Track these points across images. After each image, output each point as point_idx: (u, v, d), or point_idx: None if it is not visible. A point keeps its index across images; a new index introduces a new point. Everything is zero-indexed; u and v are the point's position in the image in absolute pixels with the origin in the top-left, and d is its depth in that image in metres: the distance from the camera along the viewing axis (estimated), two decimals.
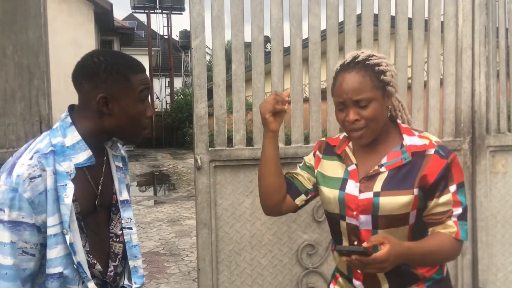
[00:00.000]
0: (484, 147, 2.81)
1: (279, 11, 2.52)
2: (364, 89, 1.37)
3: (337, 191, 1.48)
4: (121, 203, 1.43)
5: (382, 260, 1.22)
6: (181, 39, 31.49)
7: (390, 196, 1.39)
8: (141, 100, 1.35)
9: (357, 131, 1.40)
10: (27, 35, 2.41)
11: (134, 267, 1.44)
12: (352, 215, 1.44)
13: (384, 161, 1.43)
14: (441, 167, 1.37)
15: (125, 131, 1.37)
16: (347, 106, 1.40)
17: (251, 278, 2.56)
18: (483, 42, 2.78)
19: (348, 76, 1.40)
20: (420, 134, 1.46)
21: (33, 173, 1.22)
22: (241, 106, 2.51)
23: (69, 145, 1.29)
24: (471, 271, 2.81)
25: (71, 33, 13.03)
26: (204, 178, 2.45)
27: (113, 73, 1.30)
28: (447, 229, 1.38)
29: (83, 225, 1.32)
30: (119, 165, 1.47)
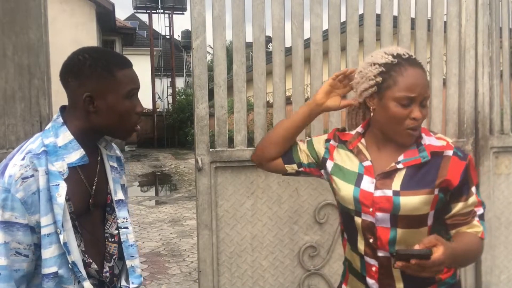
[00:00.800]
0: (487, 148, 2.78)
1: (281, 11, 2.50)
2: (428, 87, 1.38)
3: (352, 186, 1.45)
4: (116, 203, 1.42)
5: (440, 262, 1.19)
6: (183, 39, 31.46)
7: (410, 195, 1.37)
8: (128, 96, 1.32)
9: (416, 130, 1.37)
10: (28, 35, 2.40)
11: (132, 266, 1.43)
12: (368, 212, 1.41)
13: (401, 158, 1.41)
14: (461, 169, 1.37)
15: (114, 129, 1.35)
16: (414, 102, 1.32)
17: (252, 280, 2.54)
18: (487, 42, 2.76)
19: (419, 72, 1.33)
20: (437, 136, 1.44)
21: (25, 173, 1.21)
22: (242, 107, 2.49)
23: (61, 145, 1.29)
24: (474, 273, 2.79)
25: (73, 33, 13.04)
26: (205, 179, 2.43)
27: (98, 69, 1.28)
28: (473, 228, 1.37)
29: (77, 224, 1.31)
30: (113, 165, 1.45)
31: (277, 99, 2.54)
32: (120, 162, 1.51)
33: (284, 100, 2.57)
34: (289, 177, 2.52)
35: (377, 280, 1.45)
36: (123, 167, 1.53)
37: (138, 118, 1.38)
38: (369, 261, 1.46)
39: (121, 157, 1.53)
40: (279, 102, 2.55)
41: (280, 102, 2.55)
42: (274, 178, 2.52)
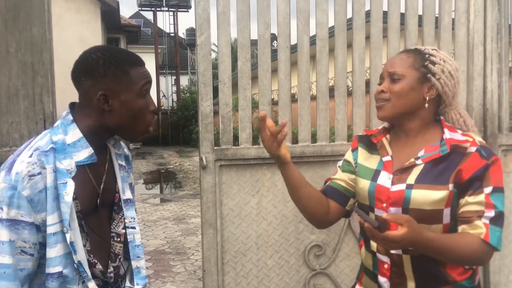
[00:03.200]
0: (496, 146, 2.74)
1: (286, 6, 2.47)
2: (400, 65, 1.42)
3: (369, 181, 1.46)
4: (124, 202, 1.41)
5: (393, 240, 1.20)
6: (187, 36, 31.47)
7: (423, 189, 1.35)
8: (142, 94, 1.32)
9: (379, 102, 1.44)
10: (31, 32, 2.38)
11: (137, 267, 1.41)
12: (382, 207, 1.41)
13: (421, 154, 1.40)
14: (479, 166, 1.33)
15: (128, 128, 1.34)
16: (383, 79, 1.45)
17: (257, 279, 2.52)
18: (495, 39, 2.71)
19: (396, 55, 1.49)
20: (463, 133, 1.42)
21: (33, 170, 1.19)
22: (247, 104, 2.47)
23: (70, 143, 1.27)
24: (482, 273, 2.75)
25: (78, 30, 13.06)
26: (210, 178, 2.41)
27: (112, 68, 1.27)
28: (475, 229, 1.32)
29: (83, 223, 1.29)
30: (122, 164, 1.44)
31: (282, 97, 2.51)
32: (128, 160, 1.50)
33: (290, 98, 2.54)
34: None
35: (389, 278, 1.44)
36: (131, 166, 1.52)
37: (152, 117, 1.37)
38: (381, 258, 1.44)
39: (129, 155, 1.52)
40: (285, 99, 2.52)
41: (286, 100, 2.52)
42: (279, 176, 2.48)
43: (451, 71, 1.41)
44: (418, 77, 1.39)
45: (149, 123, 1.36)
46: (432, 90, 1.40)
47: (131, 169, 1.52)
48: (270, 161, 2.48)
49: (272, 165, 2.50)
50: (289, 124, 2.52)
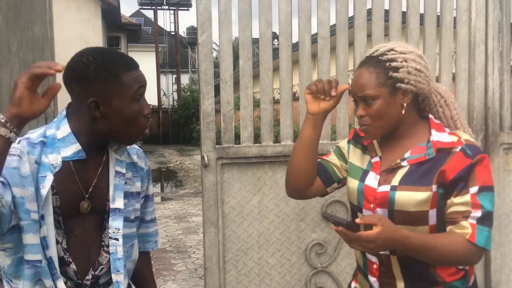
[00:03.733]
0: (497, 145, 2.74)
1: (288, 5, 2.47)
2: (367, 86, 1.36)
3: (357, 181, 1.47)
4: (112, 211, 1.34)
5: (368, 240, 1.20)
6: (188, 35, 31.44)
7: (406, 191, 1.34)
8: (135, 99, 1.28)
9: (362, 127, 1.42)
10: (32, 31, 2.39)
11: (117, 282, 1.35)
12: (369, 208, 1.41)
13: (407, 155, 1.39)
14: (463, 166, 1.30)
15: (121, 134, 1.30)
16: (357, 101, 1.42)
17: (259, 277, 2.52)
18: (497, 37, 2.71)
19: (358, 72, 1.41)
20: (451, 131, 1.40)
21: (13, 151, 1.20)
22: (249, 103, 2.47)
23: (60, 138, 1.27)
24: (484, 271, 2.75)
25: (79, 29, 13.06)
26: (211, 176, 2.41)
27: (103, 73, 1.23)
28: (461, 229, 1.29)
29: (61, 220, 1.28)
30: (120, 170, 1.38)
31: (284, 95, 2.51)
32: (134, 168, 1.44)
33: (291, 96, 2.54)
34: None
35: (378, 278, 1.44)
36: (138, 174, 1.45)
37: (146, 121, 1.33)
38: (370, 258, 1.45)
39: (137, 163, 1.46)
40: (286, 98, 2.52)
41: (287, 98, 2.52)
42: (281, 175, 2.50)
43: (416, 66, 1.36)
44: (388, 91, 1.36)
45: (143, 127, 1.32)
46: (407, 95, 1.37)
47: (137, 178, 1.45)
48: (271, 160, 2.48)
49: (274, 164, 2.51)
50: (291, 123, 2.52)
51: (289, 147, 2.49)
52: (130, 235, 1.42)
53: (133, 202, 1.43)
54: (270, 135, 2.50)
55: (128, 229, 1.41)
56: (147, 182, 1.52)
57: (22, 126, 1.10)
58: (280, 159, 2.48)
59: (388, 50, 1.38)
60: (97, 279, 1.35)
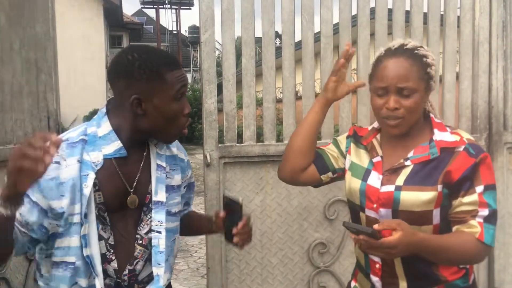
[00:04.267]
0: (501, 144, 2.73)
1: (291, 3, 2.46)
2: (411, 78, 1.33)
3: (359, 181, 1.44)
4: (155, 204, 1.34)
5: (390, 246, 1.17)
6: (190, 34, 31.48)
7: (412, 191, 1.33)
8: (177, 98, 1.29)
9: (394, 120, 1.36)
10: (35, 29, 2.38)
11: (157, 275, 1.34)
12: (372, 208, 1.40)
13: (410, 155, 1.38)
14: (467, 165, 1.31)
15: (161, 132, 1.31)
16: (389, 92, 1.34)
17: (261, 277, 2.52)
18: (501, 36, 2.70)
19: (395, 62, 1.34)
20: (452, 131, 1.40)
21: (56, 159, 1.20)
22: (251, 102, 2.46)
23: (101, 135, 1.28)
24: (487, 271, 2.74)
25: (81, 28, 13.08)
26: (214, 175, 2.40)
27: (147, 71, 1.24)
28: (470, 228, 1.30)
29: (106, 216, 1.28)
30: (161, 164, 1.38)
31: (286, 94, 2.50)
32: (174, 160, 1.45)
33: (294, 95, 2.53)
34: None
35: (380, 278, 1.43)
36: (178, 167, 1.46)
37: (186, 120, 1.35)
38: (373, 258, 1.44)
39: (177, 155, 1.46)
40: (289, 97, 2.51)
41: (290, 97, 2.51)
42: None
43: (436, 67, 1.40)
44: (425, 86, 1.36)
45: (182, 126, 1.34)
46: (429, 92, 1.39)
47: (177, 170, 1.45)
48: (274, 159, 2.47)
49: (276, 163, 2.49)
50: (293, 122, 2.51)
51: None
52: (172, 229, 1.41)
53: (174, 195, 1.42)
54: (272, 134, 2.49)
55: (170, 223, 1.40)
56: (189, 170, 1.54)
57: (20, 202, 1.09)
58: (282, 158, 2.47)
59: (418, 46, 1.38)
60: (136, 274, 1.34)
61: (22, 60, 2.27)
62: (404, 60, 1.34)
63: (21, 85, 2.26)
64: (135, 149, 1.33)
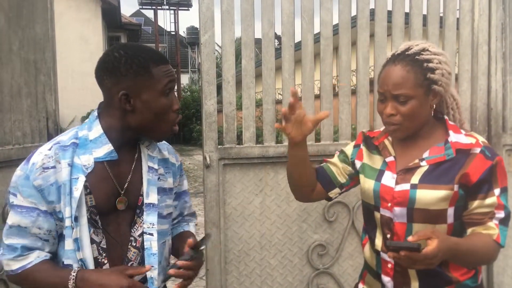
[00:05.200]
0: (500, 146, 2.73)
1: (290, 5, 2.46)
2: (404, 85, 1.33)
3: (373, 181, 1.46)
4: (146, 206, 1.34)
5: (433, 256, 1.17)
6: (188, 35, 31.48)
7: (427, 189, 1.34)
8: (165, 93, 1.29)
9: (391, 126, 1.39)
10: (34, 30, 2.37)
11: (151, 277, 1.33)
12: (387, 207, 1.41)
13: (425, 155, 1.39)
14: (485, 167, 1.32)
15: (151, 128, 1.31)
16: (387, 99, 1.38)
17: (261, 278, 2.51)
18: (500, 38, 2.70)
19: (392, 69, 1.36)
20: (467, 133, 1.41)
21: (47, 163, 1.24)
22: (251, 103, 2.46)
23: (92, 139, 1.29)
24: (486, 273, 2.74)
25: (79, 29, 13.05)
26: (213, 177, 2.40)
27: (134, 66, 1.25)
28: (488, 230, 1.32)
29: (98, 219, 1.28)
30: (153, 166, 1.37)
31: (286, 95, 2.50)
32: (166, 163, 1.44)
33: None
34: None
35: (392, 278, 1.43)
36: (170, 170, 1.45)
37: (176, 116, 1.34)
38: (385, 258, 1.44)
39: (169, 159, 1.45)
40: (289, 98, 2.50)
41: (290, 99, 2.50)
42: (283, 175, 2.48)
43: (449, 69, 1.38)
44: (423, 92, 1.35)
45: (172, 122, 1.33)
46: (437, 97, 1.38)
47: (170, 173, 1.44)
48: (273, 160, 2.47)
49: (276, 164, 2.49)
50: None
51: None
52: (163, 232, 1.40)
53: (165, 198, 1.42)
54: (272, 136, 2.49)
55: (161, 225, 1.39)
56: (180, 177, 1.53)
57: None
58: (282, 159, 2.47)
59: (422, 50, 1.36)
60: (130, 277, 1.32)
61: (21, 61, 2.26)
62: (401, 67, 1.34)
63: (20, 86, 2.25)
64: (126, 151, 1.34)
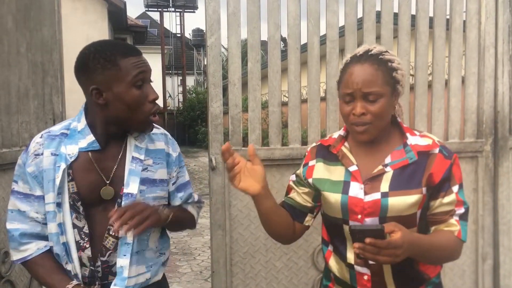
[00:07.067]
0: (506, 149, 2.72)
1: (297, 8, 2.46)
2: (376, 83, 1.32)
3: (340, 195, 1.39)
4: (125, 196, 1.35)
5: (397, 245, 1.16)
6: (193, 37, 31.56)
7: (399, 196, 1.33)
8: (136, 84, 1.30)
9: (361, 126, 1.34)
10: (41, 33, 2.39)
11: (121, 267, 1.35)
12: (357, 219, 1.36)
13: (388, 161, 1.37)
14: (445, 167, 1.35)
15: (128, 120, 1.33)
16: (355, 99, 1.33)
17: (266, 281, 2.51)
18: (507, 40, 2.69)
19: (360, 68, 1.33)
20: (421, 134, 1.43)
21: (38, 150, 1.34)
22: (257, 105, 2.46)
23: (79, 130, 1.36)
24: (492, 277, 2.73)
25: (85, 31, 13.11)
26: (219, 179, 2.40)
27: (101, 61, 1.28)
28: (450, 227, 1.36)
29: (80, 205, 1.33)
30: (138, 156, 1.38)
31: (292, 98, 2.50)
32: (157, 154, 1.44)
33: (299, 99, 2.53)
34: None
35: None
36: (162, 161, 1.44)
37: (152, 107, 1.34)
38: (360, 270, 1.40)
39: (164, 149, 1.46)
40: (294, 101, 2.51)
41: (295, 101, 2.51)
42: (288, 178, 2.48)
43: (404, 72, 1.40)
44: (390, 91, 1.35)
45: (149, 113, 1.34)
46: (397, 97, 1.39)
47: (161, 165, 1.44)
48: (279, 163, 2.47)
49: (281, 167, 2.49)
50: (299, 126, 2.51)
51: (297, 150, 2.48)
52: None
53: (155, 189, 1.42)
54: (278, 138, 2.49)
55: None
56: (179, 168, 1.53)
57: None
58: (288, 162, 2.47)
59: (383, 51, 1.37)
60: (110, 266, 1.36)
61: (28, 63, 2.28)
62: (368, 65, 1.33)
63: (27, 87, 2.27)
64: (114, 142, 1.38)
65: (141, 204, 1.31)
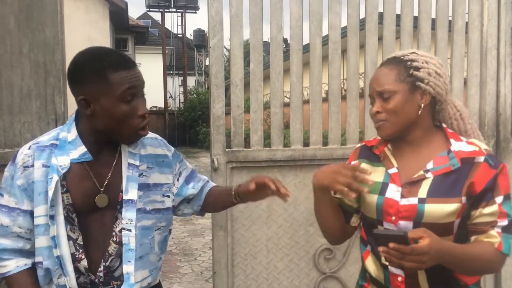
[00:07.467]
0: (508, 151, 2.72)
1: (299, 9, 2.46)
2: (386, 81, 1.37)
3: (376, 196, 1.41)
4: (125, 202, 1.35)
5: (422, 252, 1.15)
6: (195, 38, 31.58)
7: (437, 203, 1.32)
8: (125, 99, 1.27)
9: (377, 123, 1.40)
10: (44, 33, 2.39)
11: (127, 273, 1.35)
12: (391, 220, 1.37)
13: (430, 167, 1.36)
14: (489, 177, 1.31)
15: (115, 132, 1.32)
16: (374, 99, 1.41)
17: (267, 282, 2.51)
18: (509, 42, 2.69)
19: (377, 71, 1.43)
20: (468, 140, 1.39)
21: (27, 162, 1.31)
22: (259, 106, 2.46)
23: (70, 140, 1.33)
24: (494, 279, 2.72)
25: (86, 31, 13.12)
26: (221, 180, 2.40)
27: (91, 73, 1.26)
28: (490, 238, 1.31)
29: (75, 217, 1.32)
30: (134, 163, 1.38)
31: (294, 99, 2.50)
32: (151, 159, 1.44)
33: (302, 100, 2.53)
34: (305, 178, 2.48)
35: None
36: (155, 165, 1.45)
37: (141, 121, 1.32)
38: (394, 272, 1.40)
39: (157, 152, 1.46)
40: (296, 102, 2.51)
41: (297, 102, 2.51)
42: (290, 179, 2.49)
43: (437, 70, 1.38)
44: (407, 88, 1.36)
45: (137, 127, 1.32)
46: (425, 96, 1.38)
47: (155, 169, 1.44)
48: (281, 164, 2.47)
49: (283, 168, 2.49)
50: (301, 127, 2.51)
51: (298, 151, 2.48)
52: (149, 227, 1.41)
53: (150, 193, 1.42)
54: (280, 139, 2.49)
55: (146, 220, 1.40)
56: (179, 163, 1.55)
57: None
58: (289, 163, 2.47)
59: (410, 53, 1.41)
60: (112, 271, 1.36)
61: (31, 63, 2.28)
62: (384, 67, 1.40)
63: (29, 88, 2.27)
64: (107, 150, 1.37)
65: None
